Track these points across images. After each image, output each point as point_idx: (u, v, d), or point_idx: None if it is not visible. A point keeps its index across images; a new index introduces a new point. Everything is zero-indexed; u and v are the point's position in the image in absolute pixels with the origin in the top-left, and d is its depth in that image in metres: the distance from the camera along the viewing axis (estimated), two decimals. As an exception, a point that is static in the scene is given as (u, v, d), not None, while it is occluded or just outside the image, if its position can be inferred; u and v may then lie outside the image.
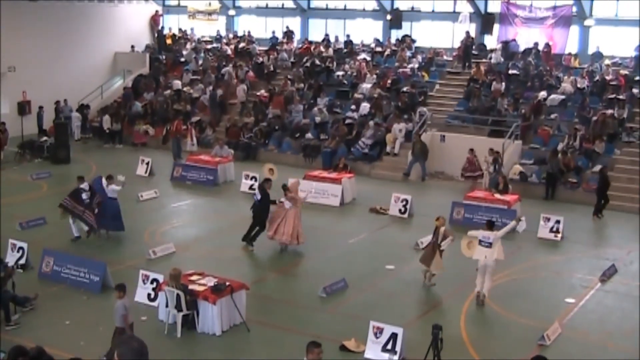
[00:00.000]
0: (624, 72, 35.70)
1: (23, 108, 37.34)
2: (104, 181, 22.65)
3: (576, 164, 29.81)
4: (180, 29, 50.25)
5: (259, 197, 22.16)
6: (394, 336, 14.89)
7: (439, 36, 43.09)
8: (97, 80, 43.32)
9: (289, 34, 46.47)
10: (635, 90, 33.64)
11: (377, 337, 15.06)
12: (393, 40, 43.45)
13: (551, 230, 23.86)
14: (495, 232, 18.25)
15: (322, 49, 43.44)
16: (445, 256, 19.30)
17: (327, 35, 45.38)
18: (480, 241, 18.10)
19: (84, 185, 21.93)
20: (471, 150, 30.60)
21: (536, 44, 38.67)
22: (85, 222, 21.90)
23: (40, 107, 38.34)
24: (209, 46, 47.40)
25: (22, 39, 38.56)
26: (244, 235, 22.06)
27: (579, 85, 35.07)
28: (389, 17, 44.15)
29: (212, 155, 31.76)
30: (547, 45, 38.52)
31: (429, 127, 33.69)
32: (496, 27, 40.94)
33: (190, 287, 16.24)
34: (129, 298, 17.64)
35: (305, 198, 23.39)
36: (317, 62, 41.53)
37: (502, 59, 38.74)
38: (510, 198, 25.57)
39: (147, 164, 31.30)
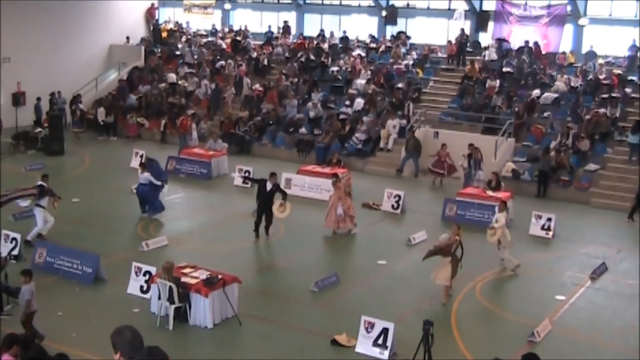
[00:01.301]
0: (617, 71, 35.84)
1: (18, 99, 37.39)
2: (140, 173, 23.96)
3: (569, 163, 29.94)
4: (176, 22, 50.27)
5: (270, 186, 22.37)
6: (385, 331, 14.94)
7: (434, 33, 43.27)
8: (92, 72, 43.33)
9: (285, 29, 46.52)
10: (628, 90, 33.82)
11: (368, 332, 15.11)
12: (388, 37, 43.61)
13: (543, 228, 23.98)
14: None
15: (315, 43, 43.55)
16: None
17: (322, 30, 45.50)
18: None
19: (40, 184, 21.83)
20: (443, 145, 30.70)
21: (526, 42, 38.87)
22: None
23: (38, 99, 38.36)
24: (204, 40, 47.46)
25: (18, 30, 38.50)
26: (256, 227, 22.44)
27: (572, 84, 35.20)
28: (384, 13, 44.30)
29: (206, 148, 31.88)
30: (536, 43, 38.69)
31: (422, 123, 33.78)
32: (491, 24, 41.17)
33: (183, 279, 16.29)
34: (123, 288, 17.85)
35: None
36: (312, 57, 41.62)
37: (496, 57, 38.85)
38: (503, 195, 25.59)
39: (141, 156, 31.30)
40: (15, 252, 19.70)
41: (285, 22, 47.10)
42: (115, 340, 6.78)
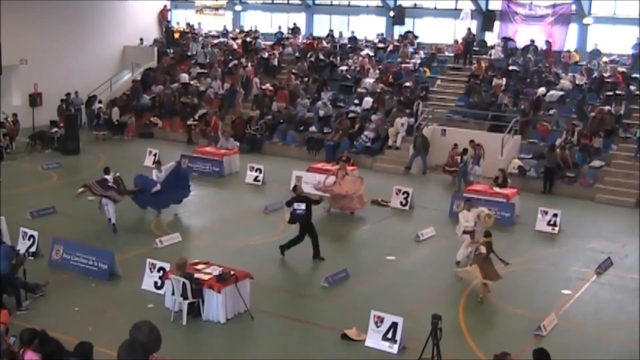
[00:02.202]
0: (621, 69, 36.04)
1: (34, 100, 37.74)
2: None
3: (574, 159, 30.21)
4: (187, 24, 50.59)
5: (303, 207, 20.97)
6: (394, 325, 15.11)
7: (441, 33, 43.52)
8: (107, 73, 43.77)
9: (295, 30, 46.79)
10: (632, 87, 34.04)
11: (377, 326, 15.29)
12: (396, 37, 43.87)
13: (548, 224, 24.14)
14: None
15: (324, 44, 43.86)
16: (445, 247, 19.71)
17: (331, 30, 45.76)
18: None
19: (109, 177, 22.75)
20: (455, 145, 30.85)
21: (532, 41, 39.08)
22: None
23: (68, 94, 39.45)
24: (215, 41, 47.76)
25: (35, 32, 39.02)
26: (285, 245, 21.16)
27: (577, 82, 35.40)
28: (392, 13, 44.55)
29: (217, 147, 32.22)
30: (548, 42, 38.92)
31: (429, 121, 34.04)
32: (497, 24, 41.37)
33: (196, 275, 16.45)
34: (137, 284, 18.11)
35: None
36: (321, 57, 41.92)
37: (502, 55, 39.08)
38: (509, 192, 25.86)
39: (155, 155, 31.57)
40: (33, 249, 19.97)
41: (294, 24, 47.38)
42: (133, 334, 6.95)
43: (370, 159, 33.26)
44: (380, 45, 43.21)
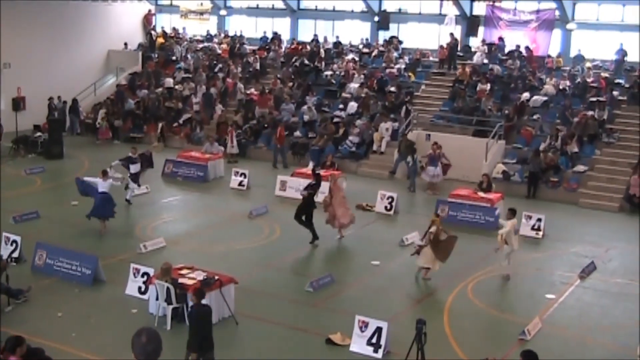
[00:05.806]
0: (604, 74, 36.26)
1: (17, 104, 37.49)
2: (98, 179, 22.88)
3: (557, 164, 30.32)
4: (173, 28, 50.45)
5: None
6: (378, 330, 15.10)
7: (426, 38, 43.65)
8: (91, 77, 43.60)
9: (275, 38, 46.62)
10: (615, 93, 34.23)
11: (362, 331, 15.28)
12: (380, 42, 43.94)
13: (533, 228, 24.18)
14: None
15: (308, 47, 43.87)
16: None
17: (316, 35, 45.79)
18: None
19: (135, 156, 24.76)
20: (434, 143, 30.83)
21: (518, 46, 39.29)
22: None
23: (51, 98, 39.38)
24: (200, 45, 47.72)
25: (18, 36, 38.75)
26: None
27: (561, 87, 35.59)
28: (376, 18, 44.63)
29: (202, 152, 32.15)
30: (528, 48, 39.12)
31: (414, 126, 34.06)
32: (481, 29, 41.55)
33: (180, 280, 16.41)
34: (121, 289, 18.06)
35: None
36: (306, 61, 41.92)
37: (486, 60, 39.23)
38: (494, 196, 25.94)
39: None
40: (15, 255, 19.80)
41: (275, 32, 47.27)
42: (132, 340, 6.89)
43: (355, 164, 33.27)
44: (365, 50, 43.31)
